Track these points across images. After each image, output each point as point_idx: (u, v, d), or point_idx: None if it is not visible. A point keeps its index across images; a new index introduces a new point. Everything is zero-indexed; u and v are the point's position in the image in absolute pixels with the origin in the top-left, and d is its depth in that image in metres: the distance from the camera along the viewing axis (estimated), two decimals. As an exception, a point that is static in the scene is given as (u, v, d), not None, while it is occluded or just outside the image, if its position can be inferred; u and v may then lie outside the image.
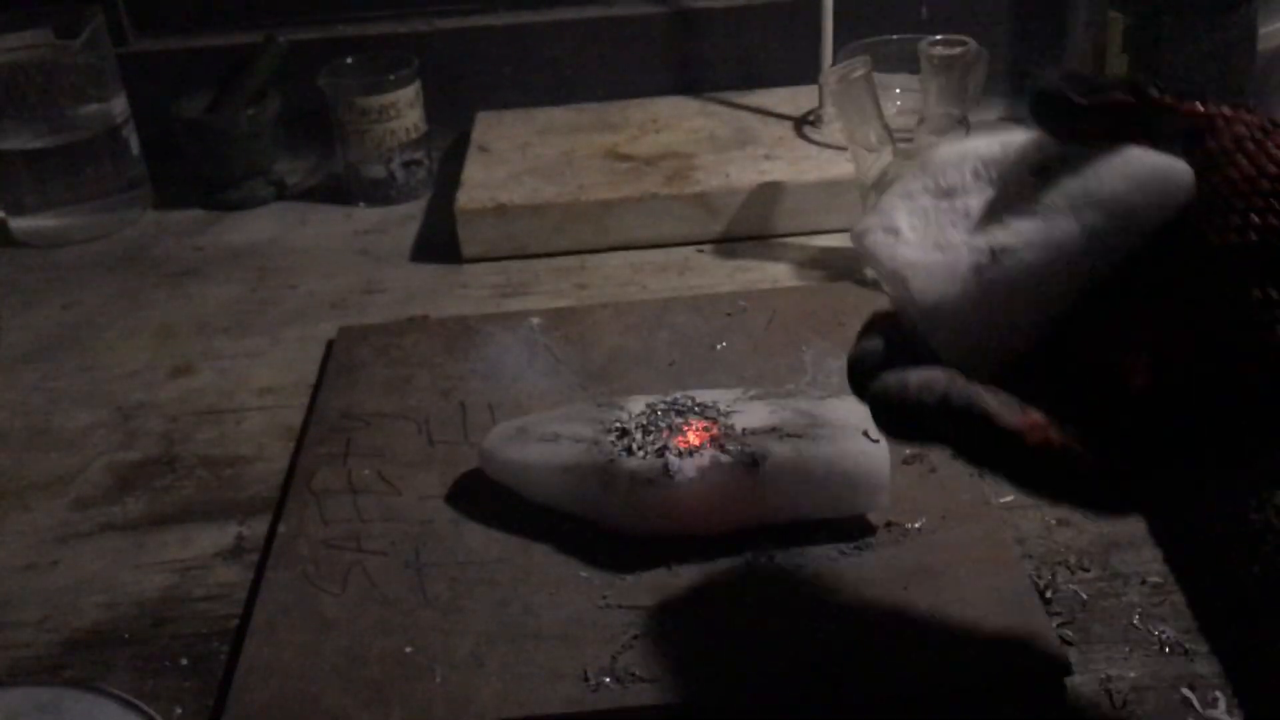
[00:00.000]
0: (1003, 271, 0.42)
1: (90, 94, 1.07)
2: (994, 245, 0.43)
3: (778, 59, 1.17)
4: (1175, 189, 0.41)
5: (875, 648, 0.60)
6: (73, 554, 0.73)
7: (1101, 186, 0.42)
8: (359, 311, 0.95)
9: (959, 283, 0.43)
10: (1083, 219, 0.42)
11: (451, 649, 0.62)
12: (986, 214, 0.44)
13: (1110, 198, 0.41)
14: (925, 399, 0.41)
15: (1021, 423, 0.40)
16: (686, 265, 0.98)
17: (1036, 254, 0.42)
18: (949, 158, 0.47)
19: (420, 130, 1.10)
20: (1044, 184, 0.43)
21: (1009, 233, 0.43)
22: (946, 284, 0.43)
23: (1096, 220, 0.41)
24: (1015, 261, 0.42)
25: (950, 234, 0.45)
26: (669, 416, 0.68)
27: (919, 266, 0.44)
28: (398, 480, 0.74)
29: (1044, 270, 0.42)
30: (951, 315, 0.43)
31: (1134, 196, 0.41)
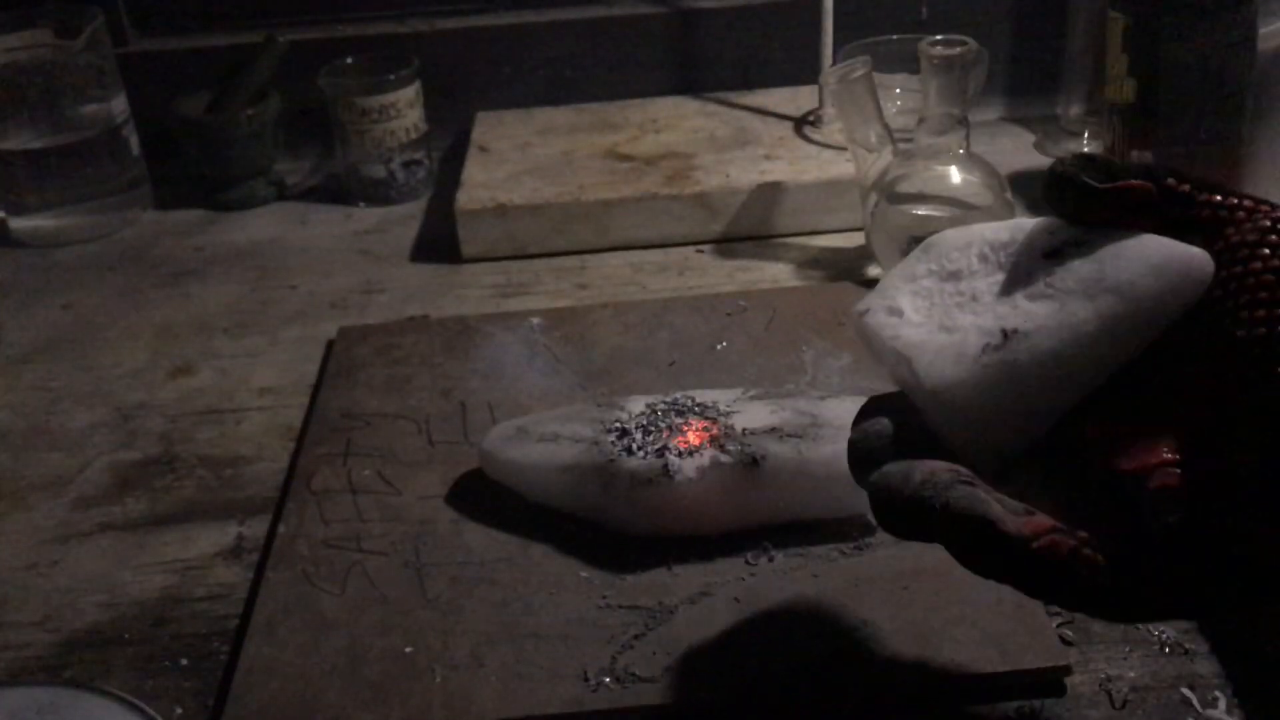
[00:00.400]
0: (1014, 355, 0.40)
1: (90, 94, 1.07)
2: (1005, 327, 0.41)
3: (778, 59, 1.17)
4: (1195, 279, 0.40)
5: (875, 648, 0.60)
6: (73, 554, 0.73)
7: (1118, 272, 0.40)
8: (359, 311, 0.95)
9: (968, 366, 0.41)
10: (1098, 304, 0.40)
11: (451, 649, 0.62)
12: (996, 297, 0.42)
13: (1127, 284, 0.40)
14: (929, 498, 0.39)
15: (1027, 529, 0.38)
16: (686, 265, 0.98)
17: (1050, 338, 0.40)
18: (954, 241, 0.45)
19: (420, 130, 1.10)
20: (1057, 268, 0.41)
21: (1021, 315, 0.41)
22: (955, 367, 0.41)
23: (1113, 306, 0.40)
24: (1028, 345, 0.40)
25: (957, 316, 0.43)
26: (669, 416, 0.68)
27: (925, 348, 0.42)
28: (398, 480, 0.74)
29: (1058, 356, 0.40)
30: (959, 400, 0.41)
31: (1152, 284, 0.39)
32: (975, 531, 0.38)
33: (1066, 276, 0.41)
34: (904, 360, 0.43)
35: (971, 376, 0.40)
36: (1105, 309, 0.40)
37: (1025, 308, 0.41)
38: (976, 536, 0.38)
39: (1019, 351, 0.40)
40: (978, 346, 0.41)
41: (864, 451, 0.44)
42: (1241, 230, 0.40)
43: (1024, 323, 0.40)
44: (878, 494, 0.41)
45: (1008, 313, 0.41)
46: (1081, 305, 0.40)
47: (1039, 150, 1.12)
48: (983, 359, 0.40)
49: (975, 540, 0.38)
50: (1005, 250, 0.44)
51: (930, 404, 0.41)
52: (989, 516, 0.38)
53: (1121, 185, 0.41)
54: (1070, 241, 0.42)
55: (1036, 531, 0.38)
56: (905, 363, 0.42)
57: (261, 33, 1.11)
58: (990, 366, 0.40)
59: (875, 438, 0.43)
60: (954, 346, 0.41)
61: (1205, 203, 0.41)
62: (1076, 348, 0.40)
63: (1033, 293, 0.41)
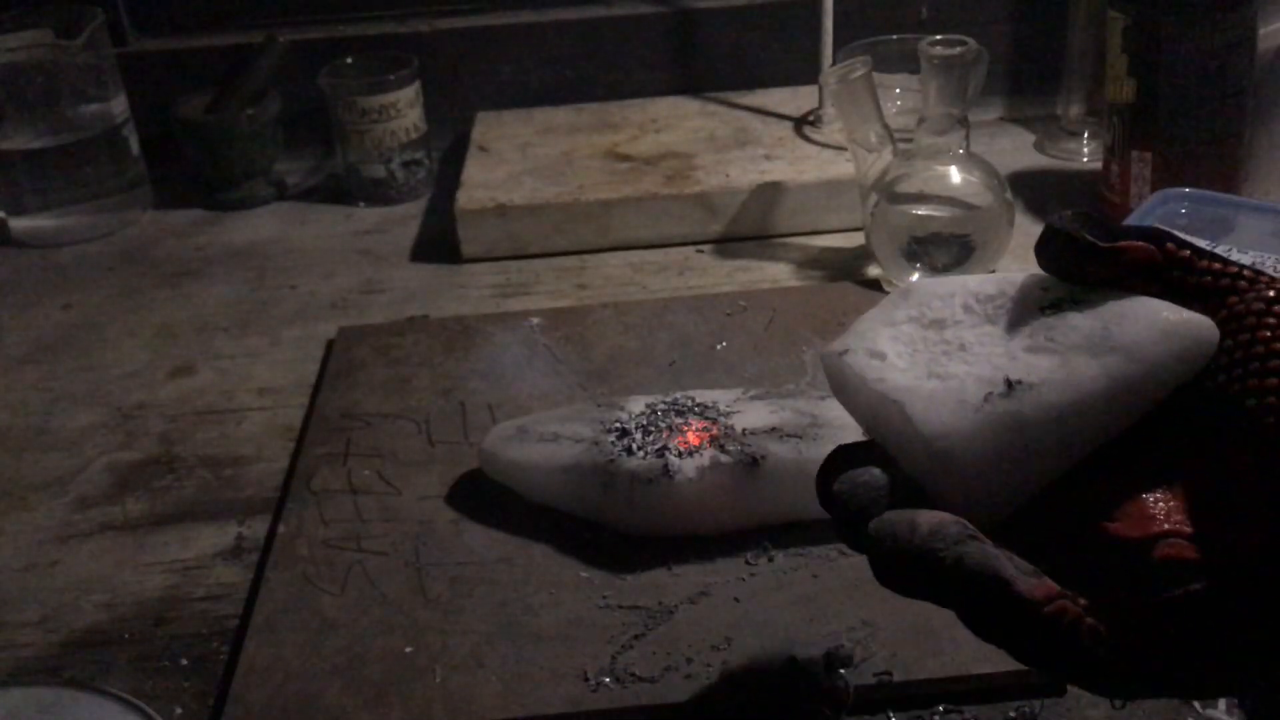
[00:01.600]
0: (1019, 406, 0.38)
1: (90, 94, 1.07)
2: (1009, 378, 0.38)
3: (778, 59, 1.17)
4: (1202, 345, 0.38)
5: (875, 648, 0.60)
6: (73, 554, 0.73)
7: (1125, 333, 0.38)
8: (359, 311, 0.95)
9: (969, 415, 0.38)
10: (1105, 363, 0.38)
11: (451, 649, 0.62)
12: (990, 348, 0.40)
13: (1135, 345, 0.38)
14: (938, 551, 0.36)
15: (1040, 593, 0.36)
16: (686, 265, 0.98)
17: (1056, 392, 0.38)
18: (935, 290, 0.43)
19: (420, 130, 1.10)
20: (1058, 322, 0.39)
21: (1023, 367, 0.39)
22: (954, 415, 0.38)
23: (1120, 366, 0.38)
24: (1033, 397, 0.38)
25: (947, 365, 0.40)
26: (669, 416, 0.68)
27: (916, 393, 0.39)
28: (398, 480, 0.74)
29: (1065, 411, 0.38)
30: (958, 450, 0.38)
31: (1160, 347, 0.38)
32: (989, 592, 0.36)
33: (1070, 332, 0.39)
34: (891, 405, 0.40)
35: (973, 426, 0.38)
36: (1113, 368, 0.38)
37: (1026, 360, 0.39)
38: (989, 597, 0.36)
39: (1024, 403, 0.38)
40: (978, 395, 0.38)
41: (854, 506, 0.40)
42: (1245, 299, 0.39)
43: (1028, 374, 0.38)
44: (879, 546, 0.38)
45: (1007, 364, 0.39)
46: (1087, 362, 0.38)
47: (1039, 150, 1.12)
48: (985, 408, 0.38)
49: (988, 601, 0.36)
50: (993, 303, 0.42)
51: (923, 454, 0.39)
52: (1003, 576, 0.36)
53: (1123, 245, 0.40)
54: (1068, 298, 0.40)
55: (1047, 596, 0.36)
56: (894, 408, 0.40)
57: (261, 33, 1.11)
58: (994, 417, 0.38)
59: (866, 489, 0.40)
60: (951, 393, 0.39)
61: (1206, 269, 0.40)
62: (1083, 405, 0.38)
63: (1033, 346, 0.39)
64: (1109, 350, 0.38)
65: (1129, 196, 0.94)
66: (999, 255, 0.90)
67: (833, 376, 0.44)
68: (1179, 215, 0.84)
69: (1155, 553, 0.37)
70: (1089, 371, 0.38)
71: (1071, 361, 0.38)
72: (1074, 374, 0.38)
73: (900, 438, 0.40)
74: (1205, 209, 0.84)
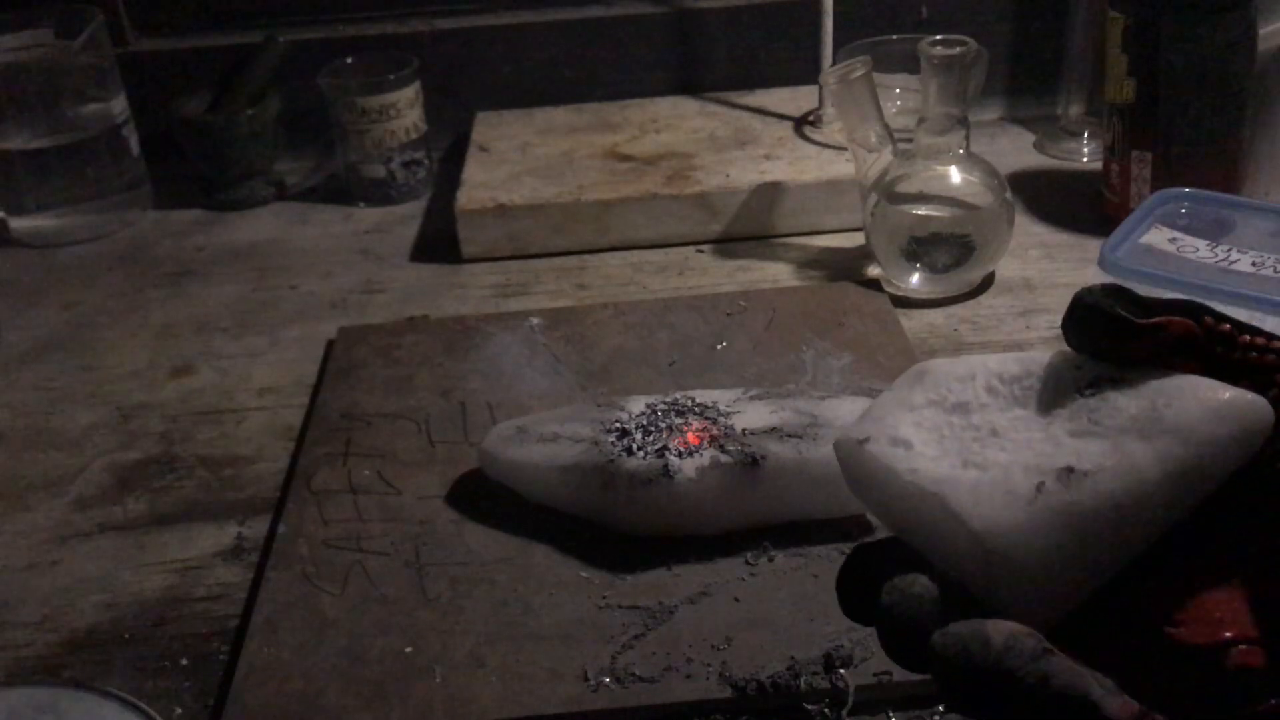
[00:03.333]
0: (1077, 496, 0.35)
1: (90, 94, 1.07)
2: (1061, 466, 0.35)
3: (778, 59, 1.17)
4: (1258, 423, 0.35)
5: (875, 647, 0.60)
6: (73, 554, 0.73)
7: (1174, 414, 0.35)
8: (359, 311, 0.95)
9: (1022, 507, 0.35)
10: (1157, 447, 0.35)
11: (451, 649, 0.62)
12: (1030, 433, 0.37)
13: (1187, 427, 0.35)
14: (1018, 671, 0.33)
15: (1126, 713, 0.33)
16: (686, 265, 0.98)
17: (1113, 480, 0.35)
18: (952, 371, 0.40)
19: (420, 130, 1.10)
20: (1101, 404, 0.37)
21: (1071, 454, 0.35)
22: (1006, 509, 0.35)
23: (1173, 449, 0.35)
24: (1091, 487, 0.35)
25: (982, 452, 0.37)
26: (669, 417, 0.68)
27: (960, 485, 0.36)
28: (398, 480, 0.74)
29: (1122, 500, 0.35)
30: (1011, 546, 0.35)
31: (1213, 428, 0.35)
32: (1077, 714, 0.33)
33: (1116, 414, 0.36)
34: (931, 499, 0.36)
35: (1027, 518, 0.35)
36: (1166, 452, 0.35)
37: (1073, 445, 0.36)
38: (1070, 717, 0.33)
39: (1082, 493, 0.35)
40: (1028, 484, 0.35)
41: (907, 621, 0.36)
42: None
43: (1080, 462, 0.35)
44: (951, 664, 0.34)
45: (1052, 451, 0.36)
46: (1140, 447, 0.35)
47: (1039, 150, 1.12)
48: (1039, 499, 0.35)
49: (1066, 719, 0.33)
50: (1019, 384, 0.38)
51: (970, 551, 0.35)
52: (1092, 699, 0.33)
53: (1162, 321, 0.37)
54: (1106, 379, 0.37)
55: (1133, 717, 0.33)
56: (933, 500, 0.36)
57: (261, 33, 1.11)
58: (1048, 508, 0.35)
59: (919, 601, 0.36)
60: (997, 485, 0.36)
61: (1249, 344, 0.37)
62: (1140, 492, 0.35)
63: (1076, 430, 0.36)
64: (1160, 433, 0.35)
65: (1129, 196, 0.94)
66: (999, 255, 0.90)
67: (849, 468, 0.40)
68: (1179, 215, 0.84)
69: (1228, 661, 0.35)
70: (1142, 456, 0.35)
71: (1124, 446, 0.35)
72: (1128, 459, 0.35)
73: (939, 534, 0.36)
74: (1205, 209, 0.84)
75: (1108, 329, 0.37)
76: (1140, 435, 0.35)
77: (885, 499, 0.38)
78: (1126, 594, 0.36)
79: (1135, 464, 0.35)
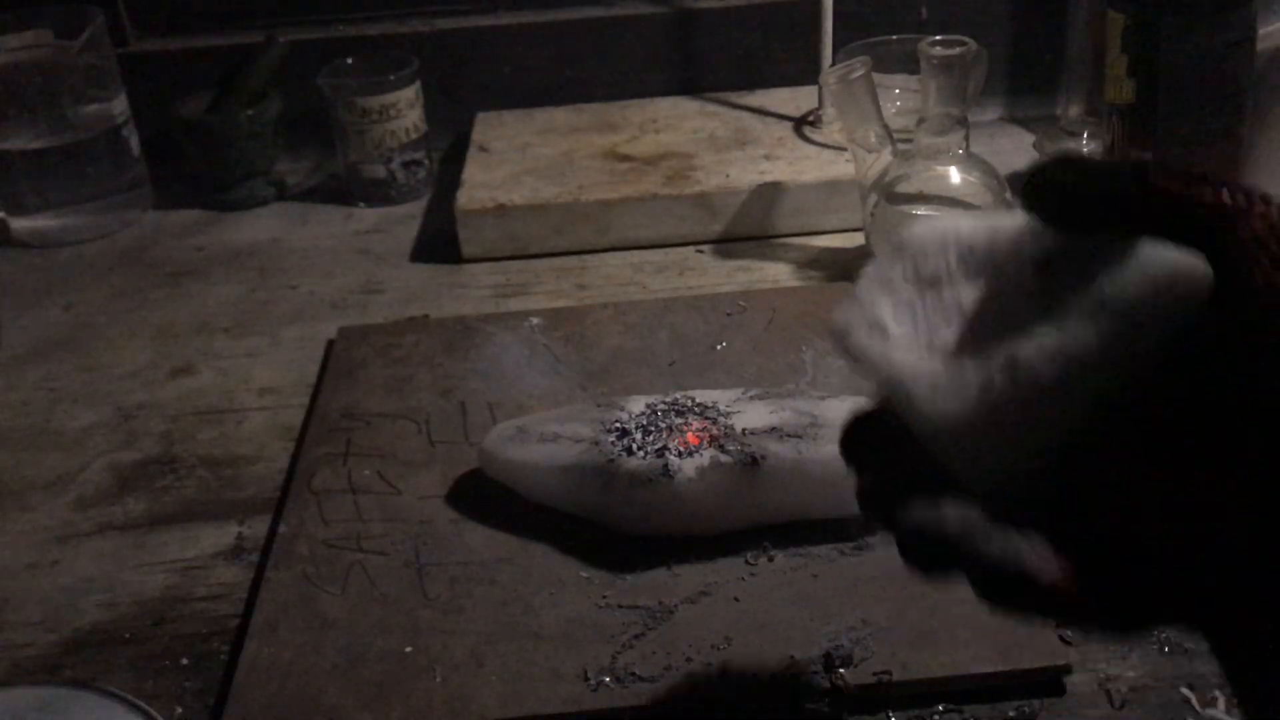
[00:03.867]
0: (1019, 386, 0.39)
1: (91, 94, 1.07)
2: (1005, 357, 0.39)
3: (778, 59, 1.17)
4: (1194, 288, 0.37)
5: (875, 647, 0.60)
6: (73, 554, 0.73)
7: (1116, 289, 0.38)
8: (359, 311, 0.95)
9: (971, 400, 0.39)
10: (1099, 324, 0.38)
11: (451, 649, 0.62)
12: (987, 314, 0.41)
13: (1127, 302, 0.38)
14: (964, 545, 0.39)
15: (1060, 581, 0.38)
16: (686, 265, 0.98)
17: (1053, 368, 0.38)
18: (927, 240, 0.43)
19: (420, 130, 1.10)
20: (1050, 283, 0.40)
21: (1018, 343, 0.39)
22: (956, 401, 0.39)
23: (1114, 328, 0.38)
24: (1031, 377, 0.38)
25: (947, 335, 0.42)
26: (669, 416, 0.68)
27: (920, 377, 0.41)
28: (398, 480, 0.74)
29: (1062, 386, 0.38)
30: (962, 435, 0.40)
31: (1152, 300, 0.38)
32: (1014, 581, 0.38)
33: (1062, 292, 0.39)
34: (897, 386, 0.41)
35: (975, 411, 0.39)
36: (1107, 331, 0.38)
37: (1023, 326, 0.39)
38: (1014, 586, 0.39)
39: (1024, 386, 0.39)
40: (978, 377, 0.39)
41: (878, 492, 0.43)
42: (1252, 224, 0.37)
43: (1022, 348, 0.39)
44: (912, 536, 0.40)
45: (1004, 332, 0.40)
46: (1082, 325, 0.38)
47: (1039, 150, 1.12)
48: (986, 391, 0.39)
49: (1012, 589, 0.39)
50: (985, 253, 0.42)
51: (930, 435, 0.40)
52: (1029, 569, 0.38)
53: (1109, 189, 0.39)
54: (1058, 251, 0.40)
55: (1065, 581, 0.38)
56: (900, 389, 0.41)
57: (261, 33, 1.11)
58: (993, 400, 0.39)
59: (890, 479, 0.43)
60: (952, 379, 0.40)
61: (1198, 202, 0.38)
62: (1081, 370, 0.38)
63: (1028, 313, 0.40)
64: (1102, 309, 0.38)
65: (1129, 196, 0.94)
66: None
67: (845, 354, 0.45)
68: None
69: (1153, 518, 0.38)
70: (1084, 338, 0.38)
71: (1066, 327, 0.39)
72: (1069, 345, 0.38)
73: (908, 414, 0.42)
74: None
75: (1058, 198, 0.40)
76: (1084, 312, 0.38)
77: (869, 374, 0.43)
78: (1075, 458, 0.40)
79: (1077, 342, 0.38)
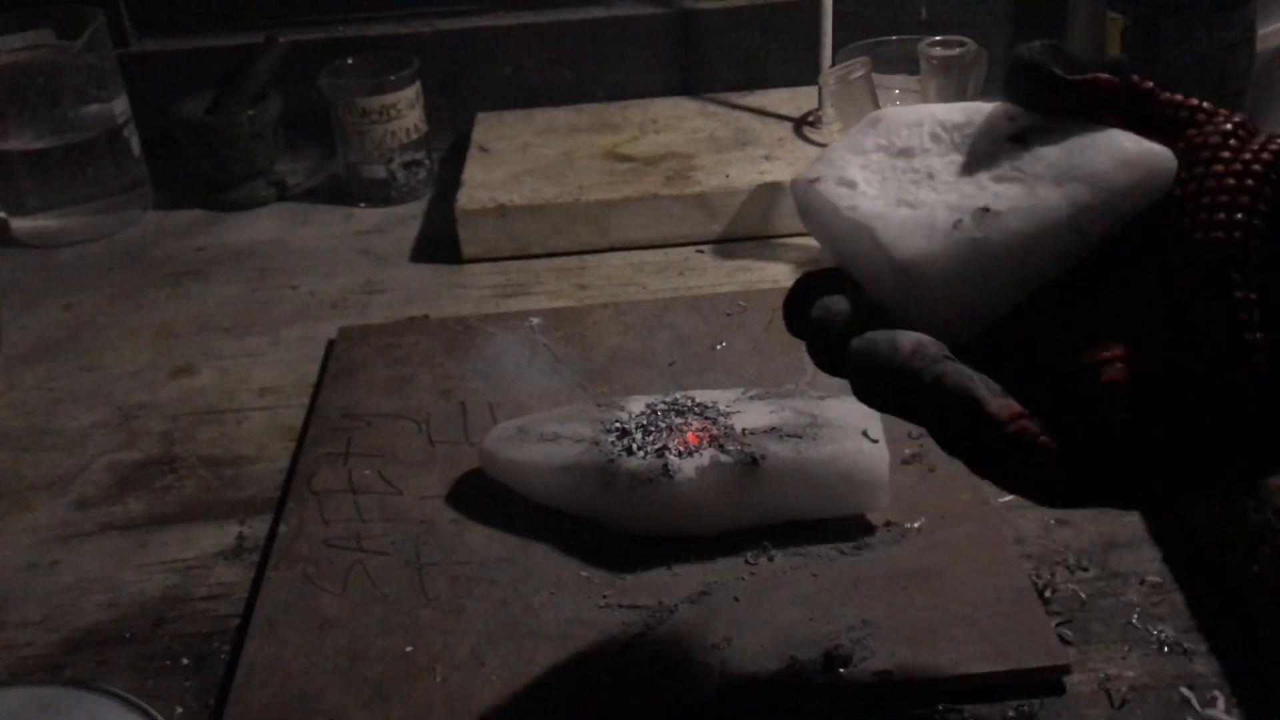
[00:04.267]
0: (986, 233, 0.40)
1: (91, 95, 1.07)
2: (977, 205, 0.40)
3: (778, 59, 1.17)
4: (1159, 174, 0.40)
5: (875, 647, 0.60)
6: (74, 554, 0.73)
7: (1086, 161, 0.40)
8: (359, 311, 0.95)
9: (939, 239, 0.40)
10: (1068, 191, 0.40)
11: (451, 649, 0.62)
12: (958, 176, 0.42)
13: (1095, 174, 0.40)
14: (919, 370, 0.39)
15: (1006, 412, 0.38)
16: (686, 265, 0.98)
17: (1021, 220, 0.40)
18: (903, 118, 0.44)
19: (420, 131, 1.10)
20: (1024, 152, 0.41)
21: (990, 195, 0.40)
22: (925, 239, 0.40)
23: (1081, 195, 0.40)
24: (1001, 225, 0.40)
25: (916, 192, 0.42)
26: (669, 416, 0.68)
27: (887, 219, 0.41)
28: (398, 480, 0.74)
29: (1029, 239, 0.40)
30: (928, 272, 0.40)
31: (1119, 175, 0.40)
32: (963, 409, 0.38)
33: (1035, 161, 0.41)
34: (863, 230, 0.41)
35: (943, 250, 0.40)
36: (1074, 196, 0.40)
37: (993, 189, 0.41)
38: (963, 414, 0.38)
39: (991, 229, 0.40)
40: (948, 221, 0.40)
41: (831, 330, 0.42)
42: (1203, 132, 0.41)
43: (995, 202, 0.40)
44: (863, 361, 0.40)
45: (974, 192, 0.41)
46: (1051, 191, 0.40)
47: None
48: (954, 234, 0.40)
49: (960, 418, 0.38)
50: (960, 131, 0.43)
51: (891, 275, 0.40)
52: (977, 396, 0.38)
53: (1089, 78, 0.41)
54: (1034, 128, 0.42)
55: (1013, 416, 0.38)
56: (864, 233, 0.41)
57: (262, 33, 1.11)
58: (962, 242, 0.40)
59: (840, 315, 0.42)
60: (921, 220, 0.40)
61: (1168, 102, 0.42)
62: (1046, 232, 0.40)
63: (999, 175, 0.41)
64: (1072, 179, 0.40)
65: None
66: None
67: (802, 205, 0.45)
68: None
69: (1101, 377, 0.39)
70: (1052, 199, 0.40)
71: (1036, 190, 0.40)
72: (1039, 202, 0.40)
73: (869, 262, 0.41)
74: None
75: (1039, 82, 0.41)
76: (1054, 180, 0.40)
77: (828, 232, 0.43)
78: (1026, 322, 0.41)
79: (1045, 206, 0.40)
